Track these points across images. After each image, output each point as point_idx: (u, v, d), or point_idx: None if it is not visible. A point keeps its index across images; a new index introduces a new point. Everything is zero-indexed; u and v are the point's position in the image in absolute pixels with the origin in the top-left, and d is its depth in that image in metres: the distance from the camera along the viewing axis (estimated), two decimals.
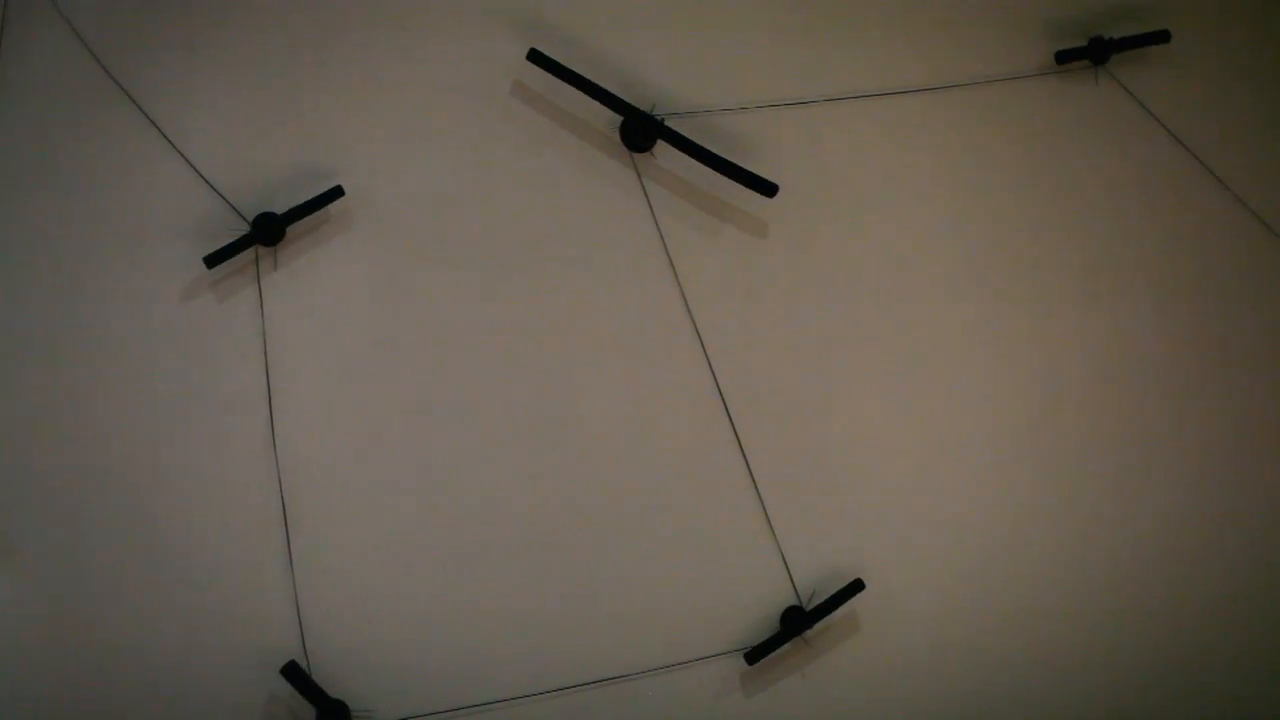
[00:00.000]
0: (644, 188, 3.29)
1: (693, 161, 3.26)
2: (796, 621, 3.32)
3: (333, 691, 3.13)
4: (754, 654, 3.30)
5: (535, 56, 3.14)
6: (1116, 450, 3.65)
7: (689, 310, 3.32)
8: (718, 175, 3.29)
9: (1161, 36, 3.58)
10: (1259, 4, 3.78)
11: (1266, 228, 3.76)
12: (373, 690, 3.17)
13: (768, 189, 3.24)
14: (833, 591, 3.34)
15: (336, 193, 3.06)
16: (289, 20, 3.13)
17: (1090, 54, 3.57)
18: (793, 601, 3.37)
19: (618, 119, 3.24)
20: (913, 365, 3.49)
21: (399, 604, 3.20)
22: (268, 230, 3.05)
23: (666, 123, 3.22)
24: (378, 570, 3.18)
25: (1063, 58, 3.56)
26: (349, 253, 3.15)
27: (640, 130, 3.21)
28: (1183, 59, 3.69)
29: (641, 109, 3.21)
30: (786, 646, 3.33)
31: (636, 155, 3.27)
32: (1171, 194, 3.69)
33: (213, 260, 3.01)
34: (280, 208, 3.07)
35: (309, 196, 3.07)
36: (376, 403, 3.18)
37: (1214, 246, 3.74)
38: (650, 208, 3.28)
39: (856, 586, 3.34)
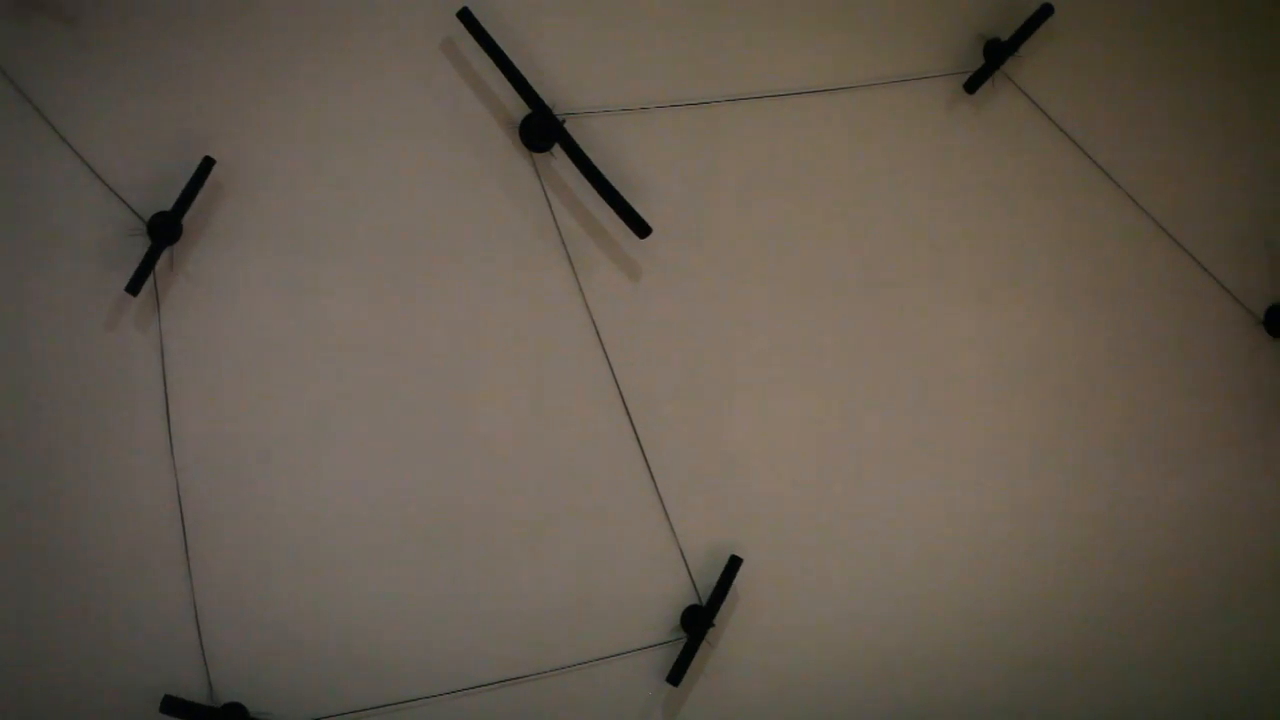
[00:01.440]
0: (543, 186, 3.29)
1: (595, 159, 3.26)
2: (698, 620, 3.33)
3: (231, 694, 3.10)
4: (674, 674, 3.31)
5: (466, 17, 3.09)
6: (1009, 447, 3.71)
7: (588, 309, 3.32)
8: (619, 175, 3.30)
9: (1045, 11, 3.59)
10: (1151, 6, 3.85)
11: (1159, 226, 3.83)
12: (272, 692, 3.15)
13: (641, 229, 3.23)
14: (719, 579, 3.36)
15: (208, 164, 2.99)
16: (183, 17, 3.09)
17: (987, 58, 3.62)
18: (693, 599, 3.38)
19: (517, 118, 3.23)
20: (810, 364, 3.52)
21: (298, 606, 3.17)
22: (164, 229, 3.00)
23: (566, 124, 3.21)
24: (277, 573, 3.16)
25: (972, 86, 3.60)
26: (245, 252, 3.11)
27: (540, 130, 3.21)
28: (1077, 60, 3.75)
29: (547, 102, 3.20)
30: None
31: (536, 155, 3.26)
32: (1066, 194, 3.74)
33: (134, 286, 2.97)
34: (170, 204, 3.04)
35: (204, 194, 3.03)
36: (273, 404, 3.15)
37: (1108, 246, 3.80)
38: (549, 206, 3.28)
39: (735, 563, 3.35)
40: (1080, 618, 3.82)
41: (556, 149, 3.24)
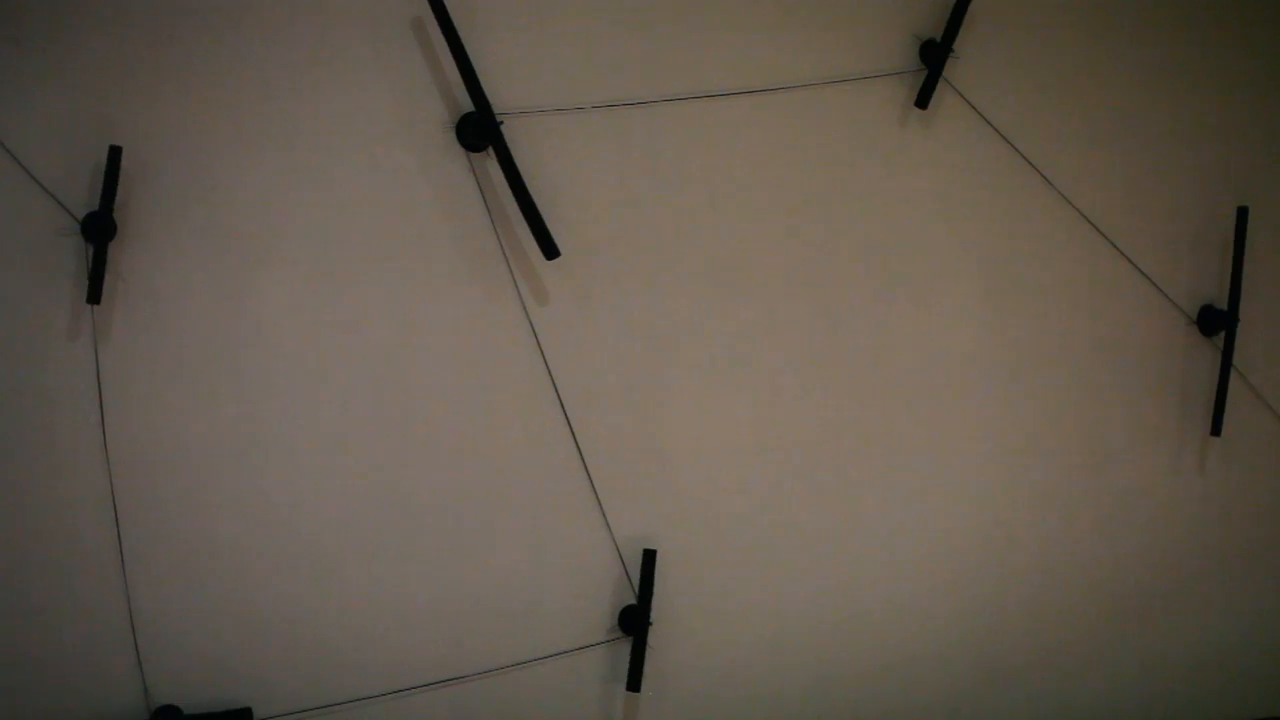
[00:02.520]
0: (479, 186, 3.29)
1: (529, 160, 3.27)
2: (636, 620, 3.34)
3: (166, 695, 3.08)
4: (633, 682, 3.32)
5: (437, 5, 3.08)
6: (946, 446, 3.74)
7: (524, 308, 3.32)
8: (556, 174, 3.30)
9: (964, 2, 3.63)
10: (1088, 8, 3.88)
11: (1094, 228, 3.87)
12: (209, 694, 3.13)
13: (549, 251, 3.20)
14: (640, 575, 3.38)
15: (115, 152, 2.93)
16: (113, 16, 3.06)
17: (924, 60, 3.65)
18: (631, 598, 3.39)
19: (453, 117, 3.23)
20: (748, 364, 3.54)
21: (235, 608, 3.15)
22: (99, 227, 2.97)
23: (503, 125, 3.20)
24: (213, 574, 3.13)
25: (923, 101, 3.63)
26: (179, 253, 3.08)
27: (477, 130, 3.20)
28: (1014, 64, 3.79)
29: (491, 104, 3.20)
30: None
31: (472, 155, 3.26)
32: (1003, 195, 3.78)
33: (94, 295, 2.95)
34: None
35: (136, 196, 3.01)
36: (209, 405, 3.12)
37: (1044, 247, 3.84)
38: (486, 206, 3.28)
39: (651, 556, 3.36)
40: (1017, 614, 3.86)
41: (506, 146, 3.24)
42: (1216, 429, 3.97)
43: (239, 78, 3.10)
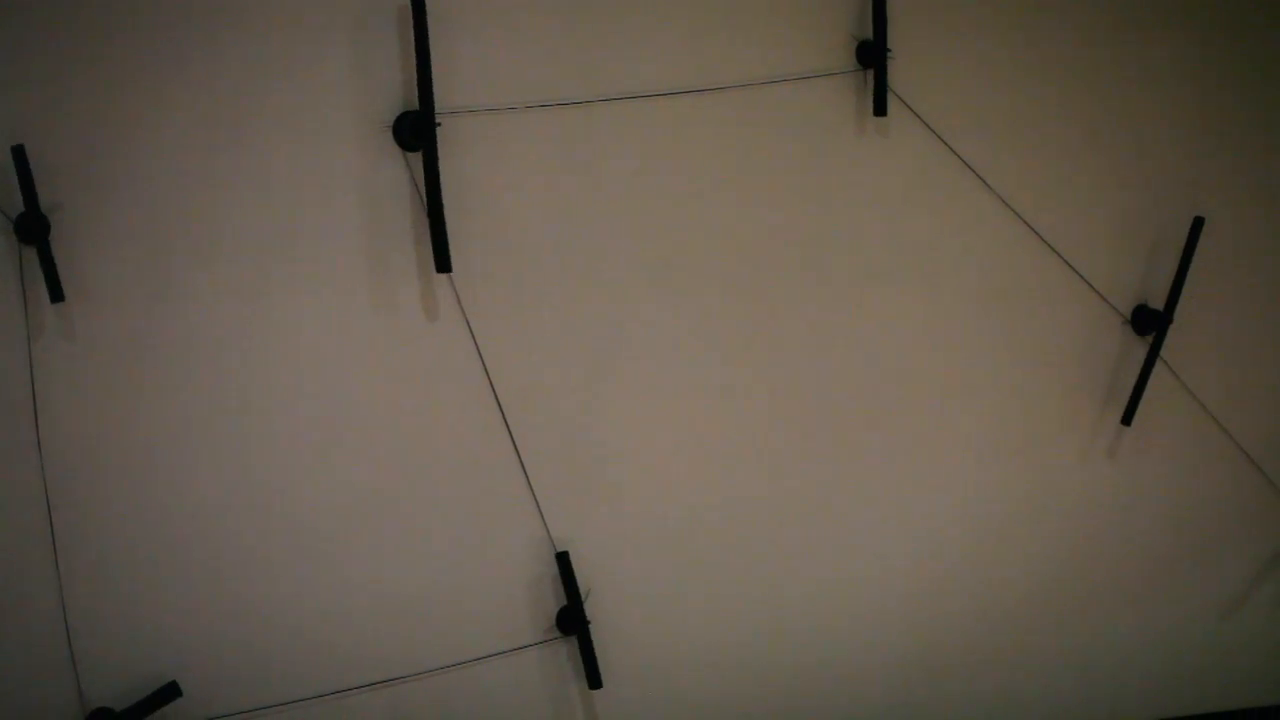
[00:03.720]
0: (416, 186, 3.28)
1: (467, 160, 3.27)
2: (573, 620, 3.35)
3: (101, 697, 3.06)
4: (591, 679, 3.35)
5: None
6: (881, 445, 3.77)
7: (461, 307, 3.32)
8: (495, 173, 3.31)
9: (880, 108, 3.66)
10: (1021, 9, 3.93)
11: (1028, 227, 3.91)
12: (142, 695, 3.11)
13: (441, 264, 3.18)
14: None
15: (19, 150, 2.89)
16: (42, 13, 3.04)
17: (860, 60, 3.68)
18: (578, 594, 3.40)
19: (392, 115, 3.22)
20: (685, 363, 3.55)
21: (169, 609, 3.13)
22: (31, 226, 2.95)
23: (440, 126, 3.20)
24: (146, 576, 3.11)
25: (880, 108, 3.65)
26: (112, 254, 3.06)
27: (414, 129, 3.20)
28: (950, 63, 3.81)
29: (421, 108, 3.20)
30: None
31: (408, 154, 3.26)
32: (939, 195, 3.81)
33: (55, 294, 2.93)
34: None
35: (70, 197, 2.99)
36: (146, 403, 3.11)
37: (980, 246, 3.87)
38: (424, 205, 3.27)
39: (564, 557, 3.37)
40: (956, 611, 3.89)
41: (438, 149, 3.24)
42: (1128, 419, 3.99)
43: (172, 78, 3.08)
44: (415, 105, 3.21)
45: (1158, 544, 4.18)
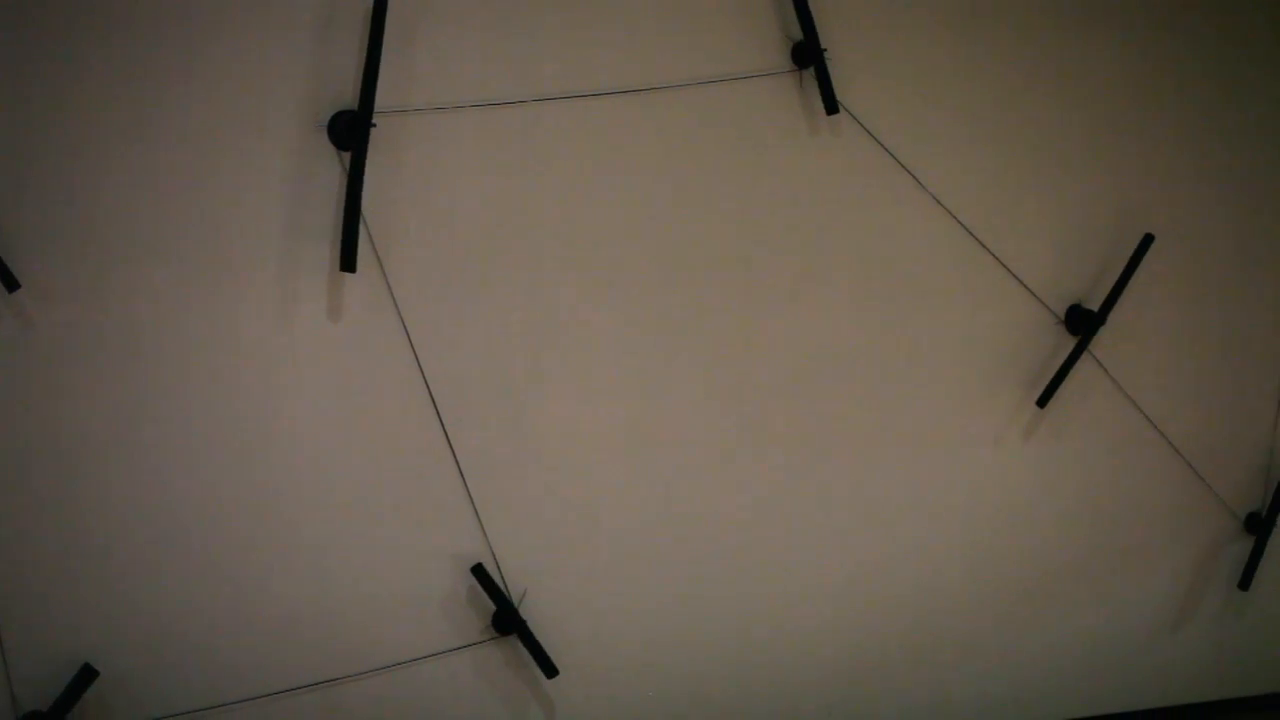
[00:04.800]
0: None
1: (404, 160, 3.27)
2: (508, 620, 3.36)
3: (33, 700, 3.03)
4: (549, 670, 3.37)
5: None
6: (817, 443, 3.79)
7: (396, 306, 3.31)
8: (433, 172, 3.31)
9: (831, 107, 3.68)
10: (954, 14, 3.96)
11: (964, 228, 3.94)
12: (81, 700, 3.08)
13: (345, 264, 3.15)
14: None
15: None
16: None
17: (795, 61, 3.70)
18: (506, 598, 3.40)
19: (327, 114, 3.21)
20: (622, 363, 3.55)
21: (106, 612, 3.10)
22: None
23: (375, 126, 3.19)
24: (84, 578, 3.08)
25: (831, 106, 3.67)
26: (57, 253, 3.04)
27: (349, 129, 3.19)
28: (886, 66, 3.84)
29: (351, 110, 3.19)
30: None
31: (343, 153, 3.24)
32: (872, 194, 3.83)
33: (10, 284, 2.90)
34: None
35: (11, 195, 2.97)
36: (80, 403, 3.08)
37: (915, 247, 3.90)
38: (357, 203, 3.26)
39: (480, 569, 3.36)
40: (890, 606, 3.91)
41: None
42: (1043, 401, 4.02)
43: (102, 75, 3.05)
44: (350, 105, 3.21)
45: (1090, 543, 4.22)
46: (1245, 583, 4.39)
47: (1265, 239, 4.51)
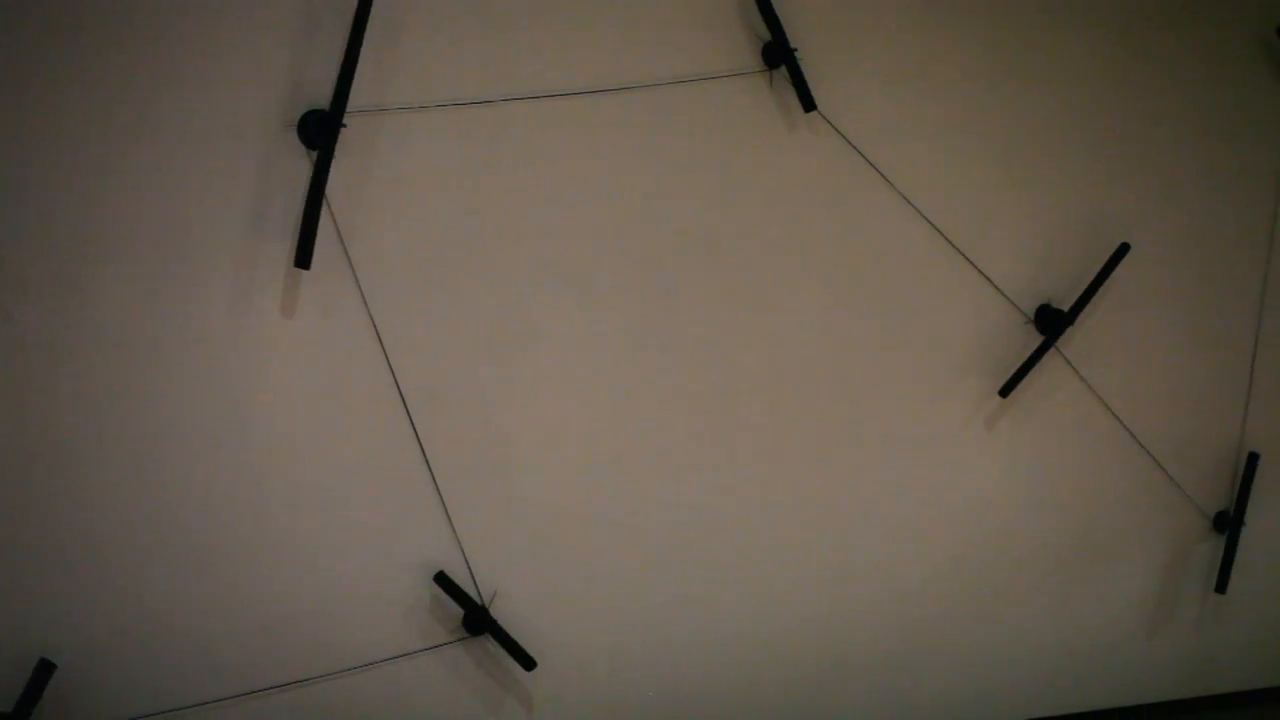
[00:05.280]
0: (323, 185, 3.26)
1: (371, 159, 3.26)
2: (479, 621, 3.35)
3: None
4: (526, 663, 3.37)
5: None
6: (787, 448, 3.79)
7: (367, 308, 3.30)
8: (402, 172, 3.30)
9: (808, 104, 3.70)
10: (925, 13, 3.98)
11: (935, 229, 3.96)
12: (45, 703, 3.05)
13: (300, 259, 3.12)
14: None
15: None
16: None
17: (765, 60, 3.71)
18: (476, 599, 3.39)
19: (297, 113, 3.20)
20: (592, 363, 3.55)
21: (66, 613, 3.07)
22: None
23: (346, 126, 3.18)
24: (42, 576, 3.04)
25: (808, 104, 3.68)
26: (10, 251, 3.01)
27: (319, 128, 3.18)
28: (857, 65, 3.85)
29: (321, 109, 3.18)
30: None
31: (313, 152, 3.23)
32: (843, 196, 3.84)
33: None
34: None
35: None
36: (47, 403, 3.05)
37: (886, 249, 3.91)
38: (328, 204, 3.25)
39: (442, 576, 3.36)
40: (861, 607, 3.92)
41: (337, 148, 3.22)
42: (1005, 391, 4.03)
43: (66, 74, 3.03)
44: (320, 104, 3.20)
45: (1060, 542, 4.24)
46: (1221, 585, 4.40)
47: (1235, 241, 4.56)
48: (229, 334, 3.18)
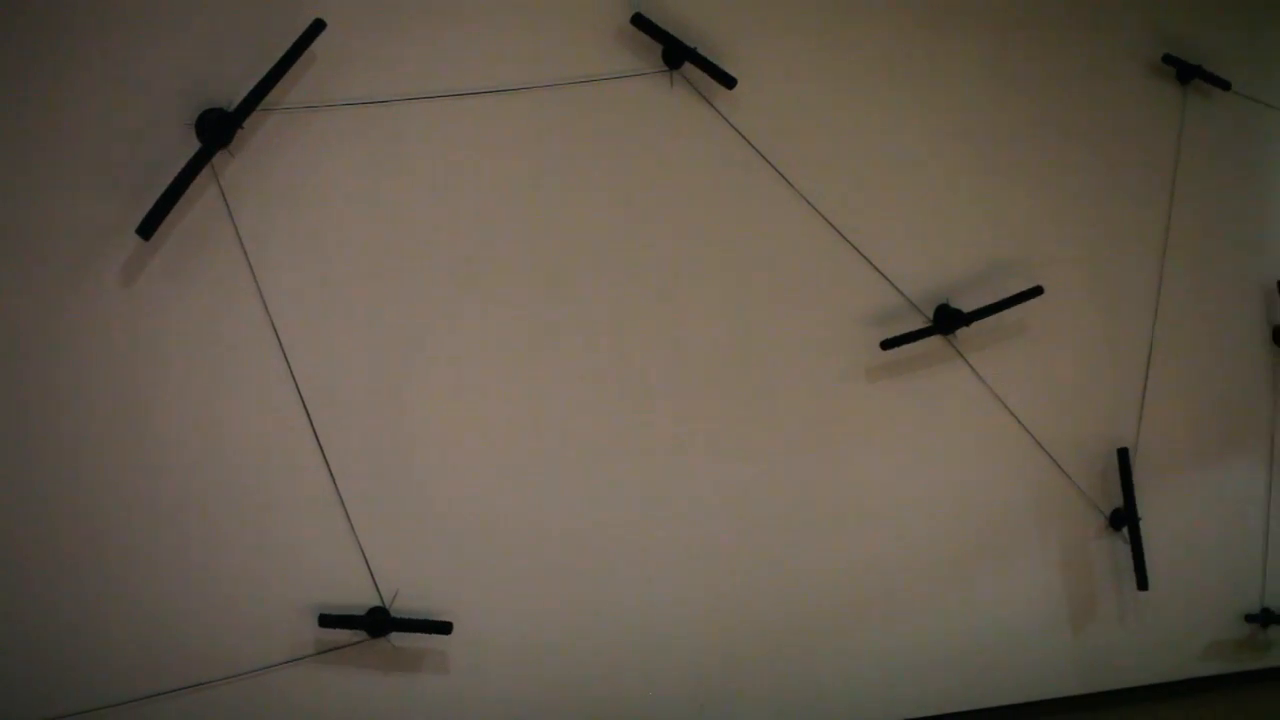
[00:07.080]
0: (219, 183, 3.24)
1: (270, 158, 3.24)
2: (380, 622, 3.33)
3: None
4: (443, 628, 3.35)
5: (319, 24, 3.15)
6: (692, 442, 3.80)
7: (265, 306, 3.27)
8: (302, 172, 3.29)
9: (729, 81, 3.75)
10: (827, 11, 4.03)
11: (836, 231, 4.00)
12: None
13: (145, 229, 3.09)
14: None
15: None
16: None
17: (666, 61, 3.75)
18: (375, 599, 3.37)
19: (195, 111, 3.17)
20: (494, 361, 3.55)
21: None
22: None
23: (242, 128, 3.16)
24: None
25: (729, 81, 3.72)
26: None
27: (216, 128, 3.16)
28: (761, 69, 3.90)
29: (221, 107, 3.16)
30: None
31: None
32: (742, 194, 3.88)
33: None
34: None
35: None
36: None
37: (788, 249, 3.95)
38: (225, 202, 3.23)
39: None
40: (759, 605, 3.93)
41: (234, 147, 3.20)
42: (886, 345, 4.03)
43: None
44: (218, 103, 3.17)
45: (960, 538, 4.27)
46: (1142, 583, 4.44)
47: (1135, 241, 4.66)
48: (120, 334, 3.14)
